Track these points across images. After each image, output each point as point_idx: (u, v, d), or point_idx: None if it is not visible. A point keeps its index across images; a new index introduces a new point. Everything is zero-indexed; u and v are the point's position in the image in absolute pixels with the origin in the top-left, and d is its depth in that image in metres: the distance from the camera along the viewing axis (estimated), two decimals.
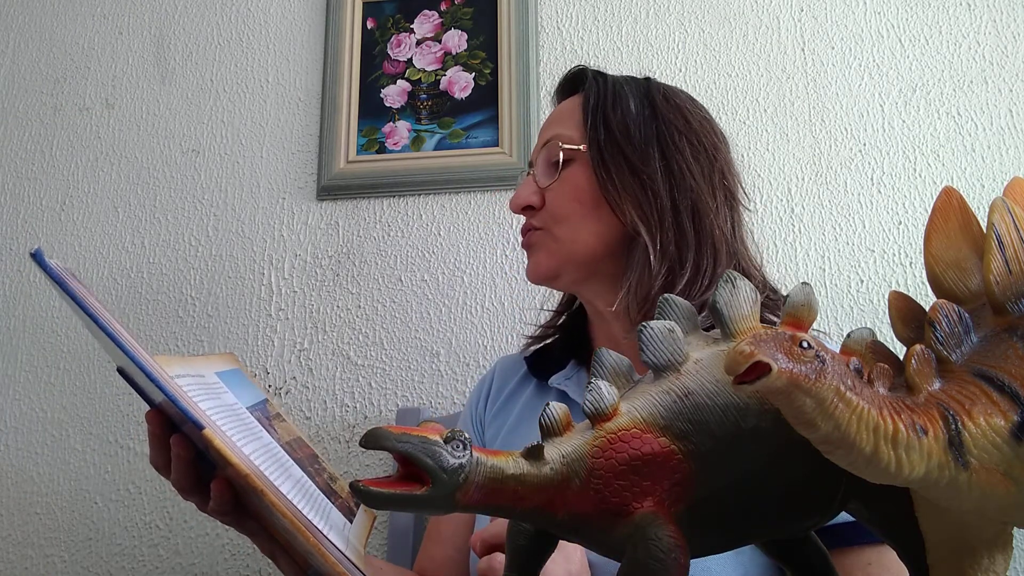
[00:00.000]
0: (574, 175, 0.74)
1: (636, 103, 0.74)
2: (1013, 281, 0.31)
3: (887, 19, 1.23)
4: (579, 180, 0.74)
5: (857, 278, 1.14)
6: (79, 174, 1.36)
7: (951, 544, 0.33)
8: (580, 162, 0.74)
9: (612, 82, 0.77)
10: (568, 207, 0.74)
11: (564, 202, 0.74)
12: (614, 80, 0.77)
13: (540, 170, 0.77)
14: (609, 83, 0.77)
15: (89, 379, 1.26)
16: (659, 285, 0.69)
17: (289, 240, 1.27)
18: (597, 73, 0.79)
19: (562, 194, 0.75)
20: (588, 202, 0.73)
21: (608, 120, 0.73)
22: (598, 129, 0.73)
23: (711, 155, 0.74)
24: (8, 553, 1.20)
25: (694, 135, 0.74)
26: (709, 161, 0.74)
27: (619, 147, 0.72)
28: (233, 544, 1.16)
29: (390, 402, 1.18)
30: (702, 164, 0.73)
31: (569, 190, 0.74)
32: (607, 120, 0.74)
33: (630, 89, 0.76)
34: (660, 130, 0.73)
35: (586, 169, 0.74)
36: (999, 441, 0.28)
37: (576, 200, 0.74)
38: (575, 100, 0.78)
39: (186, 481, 0.57)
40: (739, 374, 0.28)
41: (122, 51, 1.42)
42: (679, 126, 0.74)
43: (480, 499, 0.34)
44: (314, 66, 1.34)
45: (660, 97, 0.75)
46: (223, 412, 0.54)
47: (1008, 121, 1.16)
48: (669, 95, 0.76)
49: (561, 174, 0.75)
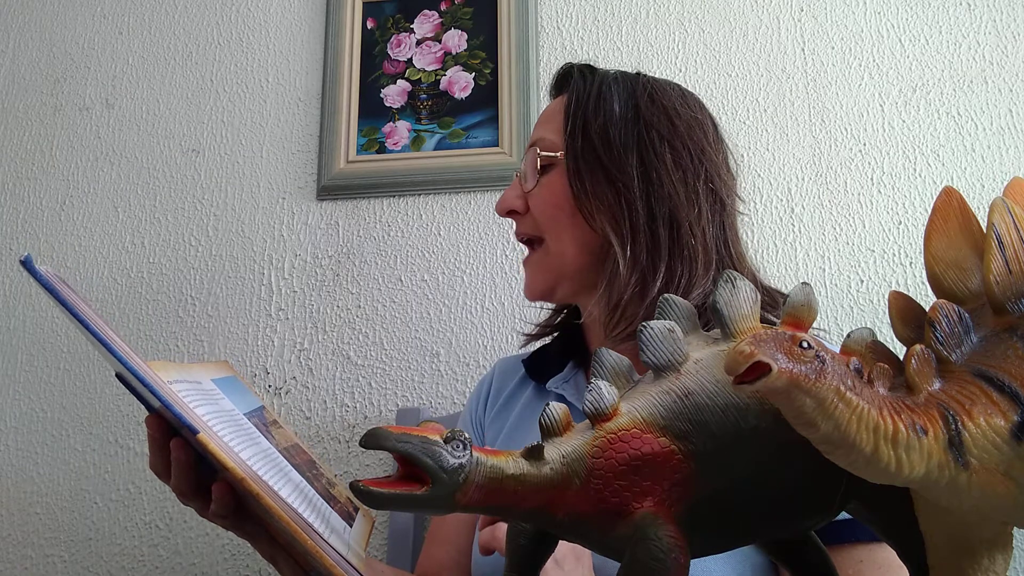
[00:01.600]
0: (553, 182, 0.74)
1: (620, 105, 0.73)
2: (1013, 281, 0.31)
3: (887, 19, 1.23)
4: (557, 187, 0.73)
5: (857, 278, 1.14)
6: (79, 174, 1.36)
7: (951, 544, 0.33)
8: (559, 169, 0.74)
9: (598, 82, 0.75)
10: (548, 214, 0.74)
11: (545, 209, 0.74)
12: (601, 79, 0.75)
13: (524, 173, 0.77)
14: (595, 83, 0.75)
15: (89, 379, 1.26)
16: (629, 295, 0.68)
17: (289, 240, 1.27)
18: (585, 71, 0.77)
19: (542, 201, 0.75)
20: (566, 209, 0.73)
21: (588, 126, 0.72)
22: (576, 137, 0.72)
23: (696, 159, 0.72)
24: (8, 553, 1.20)
25: (678, 139, 0.71)
26: (693, 166, 0.71)
27: (596, 155, 0.71)
28: (233, 544, 1.16)
29: (390, 402, 1.18)
30: (684, 169, 0.71)
31: (548, 197, 0.74)
32: (587, 126, 0.72)
33: (616, 89, 0.74)
34: (641, 135, 0.71)
35: (564, 176, 0.73)
36: (999, 441, 0.28)
37: (555, 207, 0.73)
38: (561, 101, 0.77)
39: (186, 486, 0.57)
40: (739, 374, 0.28)
41: (122, 51, 1.42)
42: (662, 131, 0.71)
43: (480, 499, 0.34)
44: (314, 66, 1.34)
45: (646, 98, 0.73)
46: (221, 418, 0.54)
47: (1008, 121, 1.16)
48: (656, 95, 0.73)
49: (541, 180, 0.75)
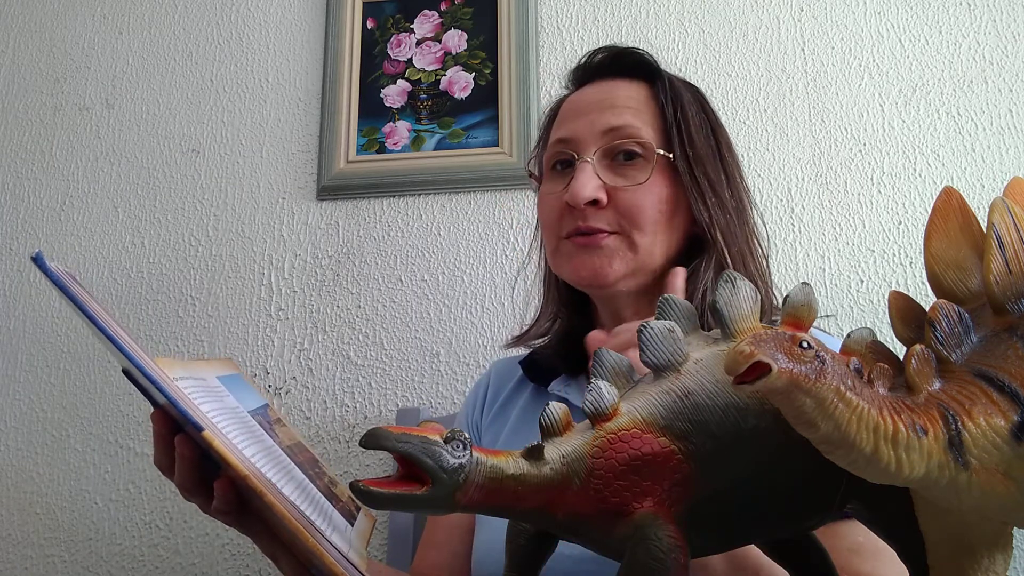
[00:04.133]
0: (657, 180, 0.70)
1: (696, 111, 0.75)
2: (1013, 281, 0.31)
3: (887, 19, 1.23)
4: (662, 188, 0.71)
5: (857, 278, 1.14)
6: (79, 174, 1.36)
7: (951, 544, 0.33)
8: (659, 167, 0.70)
9: (672, 82, 0.75)
10: (649, 215, 0.70)
11: (646, 209, 0.70)
12: (673, 82, 0.76)
13: (604, 163, 0.71)
14: (676, 86, 0.75)
15: (89, 379, 1.26)
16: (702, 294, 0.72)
17: (289, 240, 1.27)
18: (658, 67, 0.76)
19: (645, 200, 0.70)
20: (668, 212, 0.71)
21: (691, 131, 0.72)
22: (684, 141, 0.72)
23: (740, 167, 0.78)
24: (8, 553, 1.20)
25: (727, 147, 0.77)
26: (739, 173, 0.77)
27: (701, 160, 0.72)
28: (233, 544, 1.16)
29: (390, 402, 1.18)
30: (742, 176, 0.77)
31: (653, 198, 0.70)
32: (690, 130, 0.72)
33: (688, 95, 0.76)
34: (717, 141, 0.75)
35: (667, 177, 0.71)
36: (999, 441, 0.28)
37: (658, 209, 0.70)
38: (640, 90, 0.74)
39: (190, 482, 0.57)
40: (739, 374, 0.28)
41: (122, 51, 1.42)
42: (721, 138, 0.76)
43: (480, 499, 0.34)
44: (314, 66, 1.34)
45: (709, 108, 0.77)
46: (226, 414, 0.54)
47: (1008, 121, 1.16)
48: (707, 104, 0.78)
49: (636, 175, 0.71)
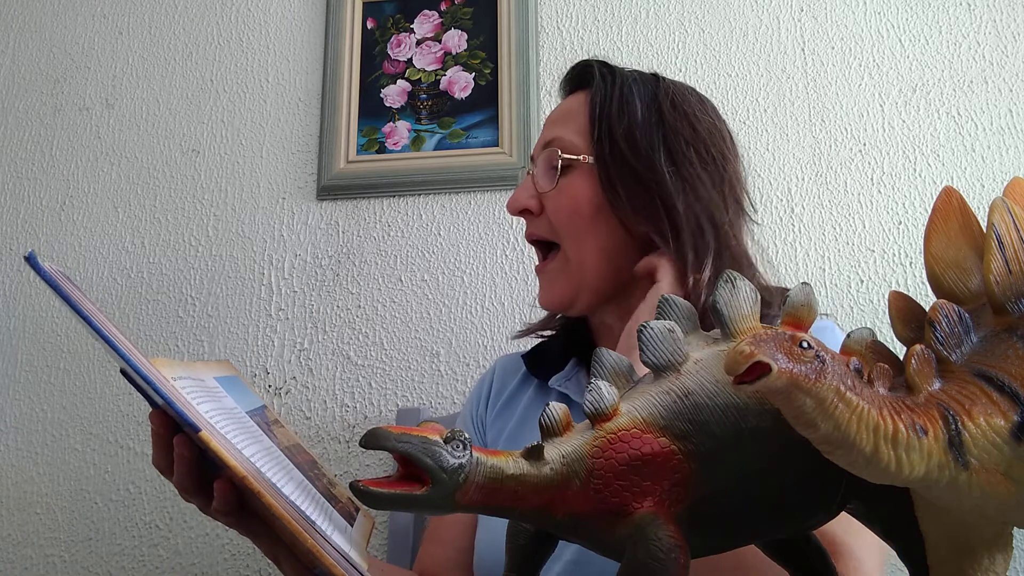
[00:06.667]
0: (573, 185, 0.72)
1: (643, 108, 0.72)
2: (1013, 281, 0.31)
3: (887, 19, 1.23)
4: (578, 191, 0.72)
5: (857, 278, 1.14)
6: (79, 174, 1.36)
7: (951, 544, 0.33)
8: (580, 171, 0.72)
9: (619, 83, 0.74)
10: (568, 219, 0.72)
11: (565, 213, 0.73)
12: (622, 80, 0.74)
13: (540, 172, 0.75)
14: (616, 84, 0.74)
15: (89, 379, 1.26)
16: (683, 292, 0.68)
17: (289, 240, 1.27)
18: (604, 69, 0.76)
19: (562, 205, 0.73)
20: (587, 214, 0.71)
21: (613, 131, 0.71)
22: (604, 141, 0.71)
23: (720, 165, 0.72)
24: (8, 553, 1.20)
25: (701, 144, 0.72)
26: (718, 171, 0.72)
27: (625, 159, 0.70)
28: (233, 544, 1.16)
29: (390, 402, 1.18)
30: (711, 174, 0.71)
31: (568, 201, 0.72)
32: (612, 131, 0.71)
33: (638, 90, 0.73)
34: (667, 139, 0.71)
35: (587, 180, 0.72)
36: (999, 441, 0.28)
37: (575, 212, 0.72)
38: (579, 99, 0.75)
39: (189, 482, 0.57)
40: (739, 374, 0.28)
41: (122, 51, 1.42)
42: (686, 135, 0.71)
43: (480, 499, 0.34)
44: (314, 66, 1.34)
45: (668, 104, 0.73)
46: (224, 415, 0.54)
47: (1008, 121, 1.16)
48: (677, 101, 0.73)
49: (560, 182, 0.73)
